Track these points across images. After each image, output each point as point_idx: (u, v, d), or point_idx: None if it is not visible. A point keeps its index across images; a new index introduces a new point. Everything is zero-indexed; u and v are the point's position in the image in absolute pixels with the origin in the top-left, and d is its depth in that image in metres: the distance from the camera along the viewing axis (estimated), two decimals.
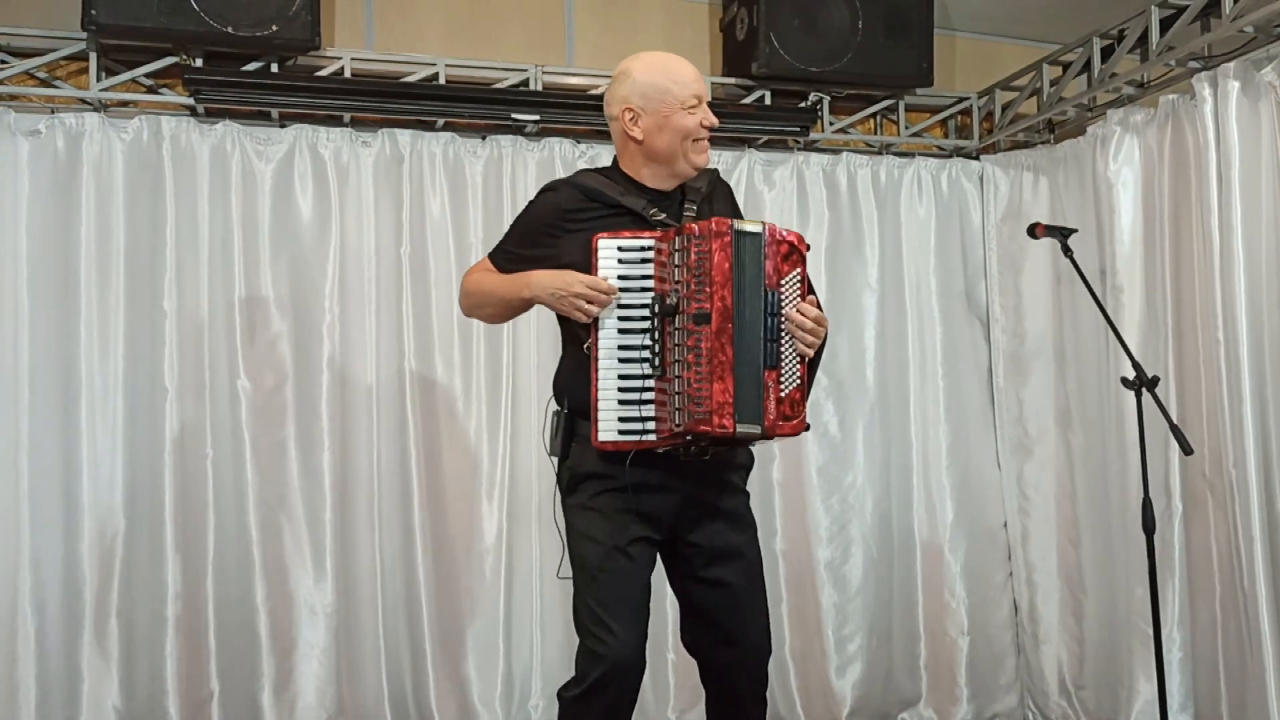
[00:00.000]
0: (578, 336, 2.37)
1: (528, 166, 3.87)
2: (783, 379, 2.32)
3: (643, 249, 2.31)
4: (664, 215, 2.39)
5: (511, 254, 2.46)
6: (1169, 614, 3.54)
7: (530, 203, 2.52)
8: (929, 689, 4.13)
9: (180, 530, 3.50)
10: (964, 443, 4.23)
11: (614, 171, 2.49)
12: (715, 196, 2.53)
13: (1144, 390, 3.06)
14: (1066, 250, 3.31)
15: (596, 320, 2.29)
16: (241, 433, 3.59)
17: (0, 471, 3.38)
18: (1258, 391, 3.27)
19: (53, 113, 3.52)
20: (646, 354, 2.28)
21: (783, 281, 2.34)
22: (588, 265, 2.32)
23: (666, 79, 2.40)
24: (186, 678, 3.48)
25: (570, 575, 2.37)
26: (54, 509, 3.43)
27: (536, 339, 3.82)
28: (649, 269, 2.30)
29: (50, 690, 3.38)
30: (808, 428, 2.38)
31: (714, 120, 2.43)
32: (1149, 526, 3.03)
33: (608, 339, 2.30)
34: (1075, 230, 3.41)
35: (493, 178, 3.85)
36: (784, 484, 4.03)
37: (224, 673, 3.52)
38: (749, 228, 2.31)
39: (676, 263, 2.28)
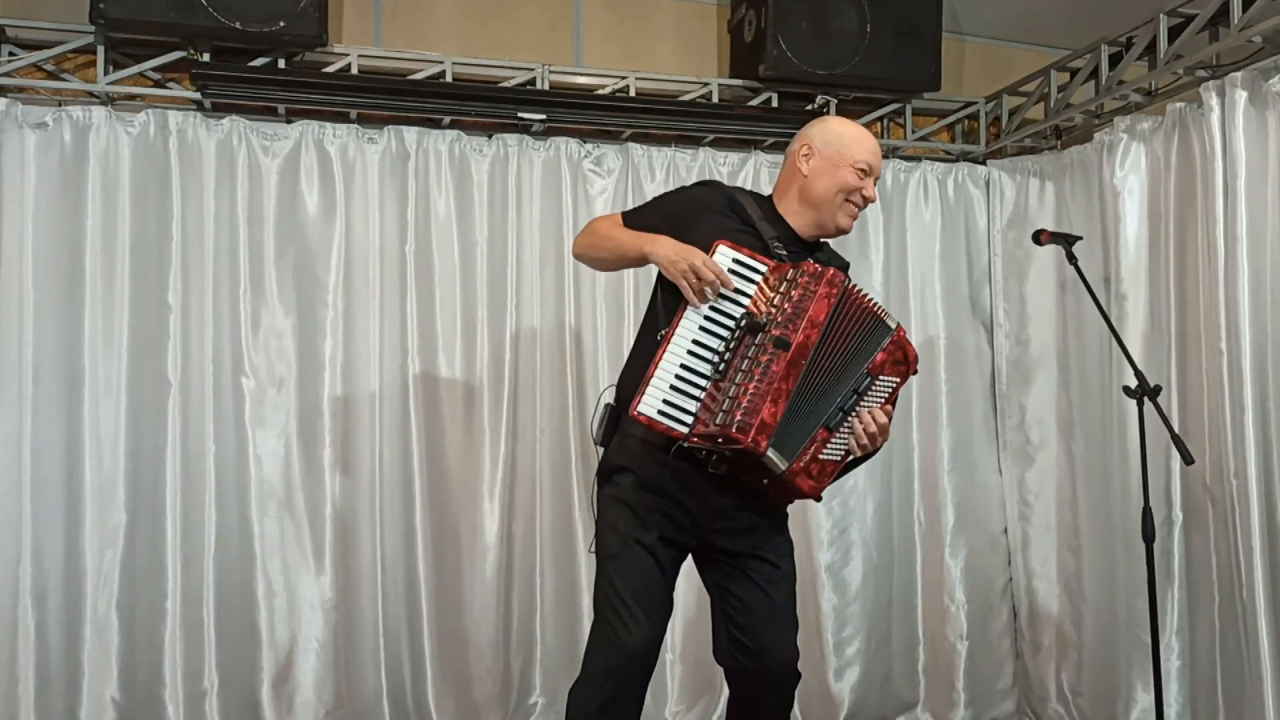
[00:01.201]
0: (655, 328, 2.42)
1: (534, 165, 3.87)
2: (829, 446, 2.40)
3: (754, 269, 2.38)
4: (786, 252, 2.45)
5: (645, 218, 2.53)
6: (1168, 623, 3.54)
7: (684, 188, 2.62)
8: (927, 693, 4.13)
9: (181, 524, 3.51)
10: (966, 448, 4.23)
11: (765, 200, 2.59)
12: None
13: (1146, 399, 3.05)
14: (1071, 257, 3.30)
15: (685, 308, 2.34)
16: (244, 428, 3.60)
17: (3, 463, 3.39)
18: (1259, 402, 3.26)
19: (60, 106, 3.53)
20: (715, 358, 2.32)
21: (881, 377, 2.44)
22: None
23: (850, 137, 2.54)
24: (186, 671, 3.49)
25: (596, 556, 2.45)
26: (56, 501, 3.44)
27: (539, 335, 3.83)
28: (752, 289, 2.36)
29: (50, 682, 3.39)
30: (819, 499, 2.47)
31: (874, 195, 2.53)
32: (1149, 535, 3.03)
33: (686, 331, 2.34)
34: (1080, 237, 3.40)
35: (498, 176, 3.85)
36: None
37: (223, 666, 3.53)
38: (883, 316, 2.43)
39: (780, 289, 2.35)
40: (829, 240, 2.61)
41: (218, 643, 3.53)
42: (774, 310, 2.33)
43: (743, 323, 2.34)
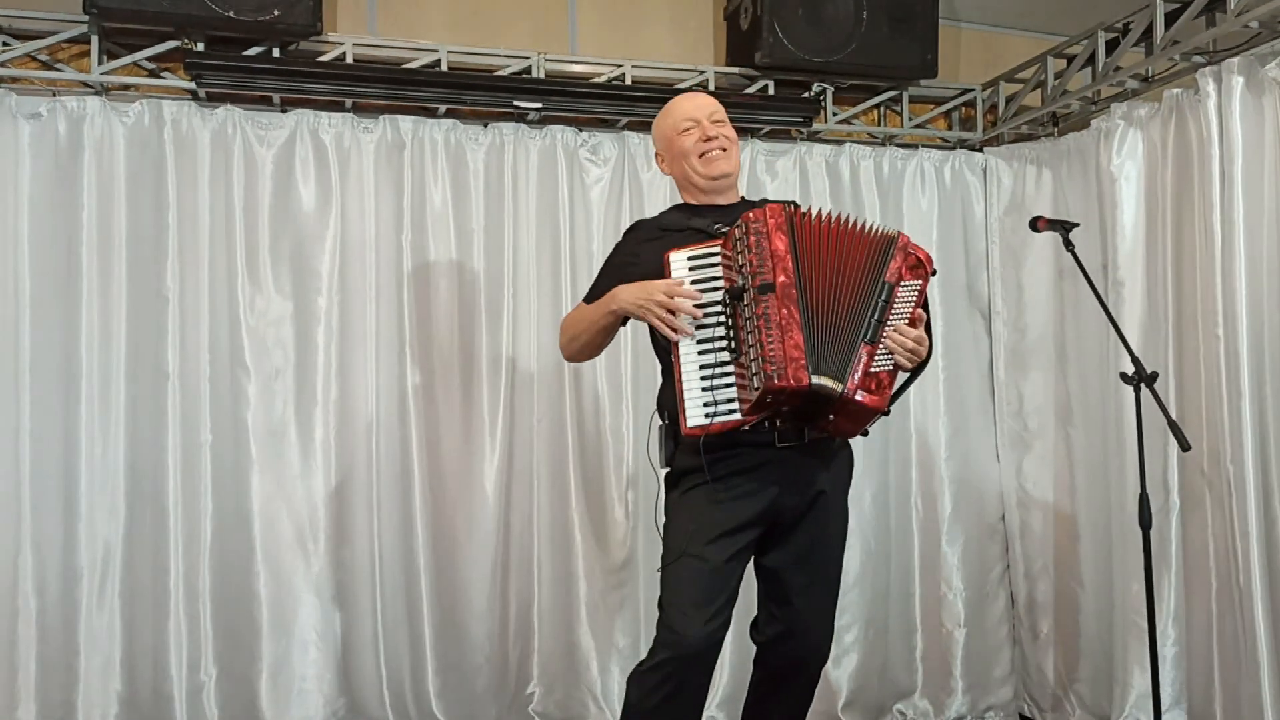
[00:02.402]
0: (666, 350, 2.51)
1: (529, 154, 3.86)
2: (877, 358, 2.42)
3: (709, 254, 2.47)
4: (728, 227, 2.51)
5: (601, 287, 2.65)
6: (1164, 609, 3.55)
7: (617, 244, 2.78)
8: (924, 681, 4.14)
9: (180, 515, 3.51)
10: (963, 436, 4.23)
11: (681, 205, 2.76)
12: None
13: (1143, 386, 3.06)
14: (1068, 244, 3.30)
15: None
16: (242, 418, 3.59)
17: (1, 455, 3.38)
18: (1256, 388, 3.26)
19: (54, 96, 3.51)
20: (724, 343, 2.39)
21: (902, 283, 2.48)
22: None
23: (665, 118, 2.74)
24: (185, 662, 3.49)
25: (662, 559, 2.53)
26: (55, 493, 3.43)
27: (536, 325, 3.83)
28: (717, 271, 2.45)
29: (50, 672, 3.39)
30: (888, 412, 2.46)
31: (710, 131, 2.64)
32: (1146, 522, 3.03)
33: (688, 338, 2.43)
34: (1077, 224, 3.40)
35: (494, 165, 3.85)
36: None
37: (222, 658, 3.54)
38: (864, 228, 2.49)
39: (741, 251, 2.42)
40: (741, 195, 2.77)
41: (216, 634, 3.53)
42: (744, 269, 2.40)
43: (726, 299, 2.41)
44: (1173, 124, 3.58)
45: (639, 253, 2.62)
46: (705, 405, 2.38)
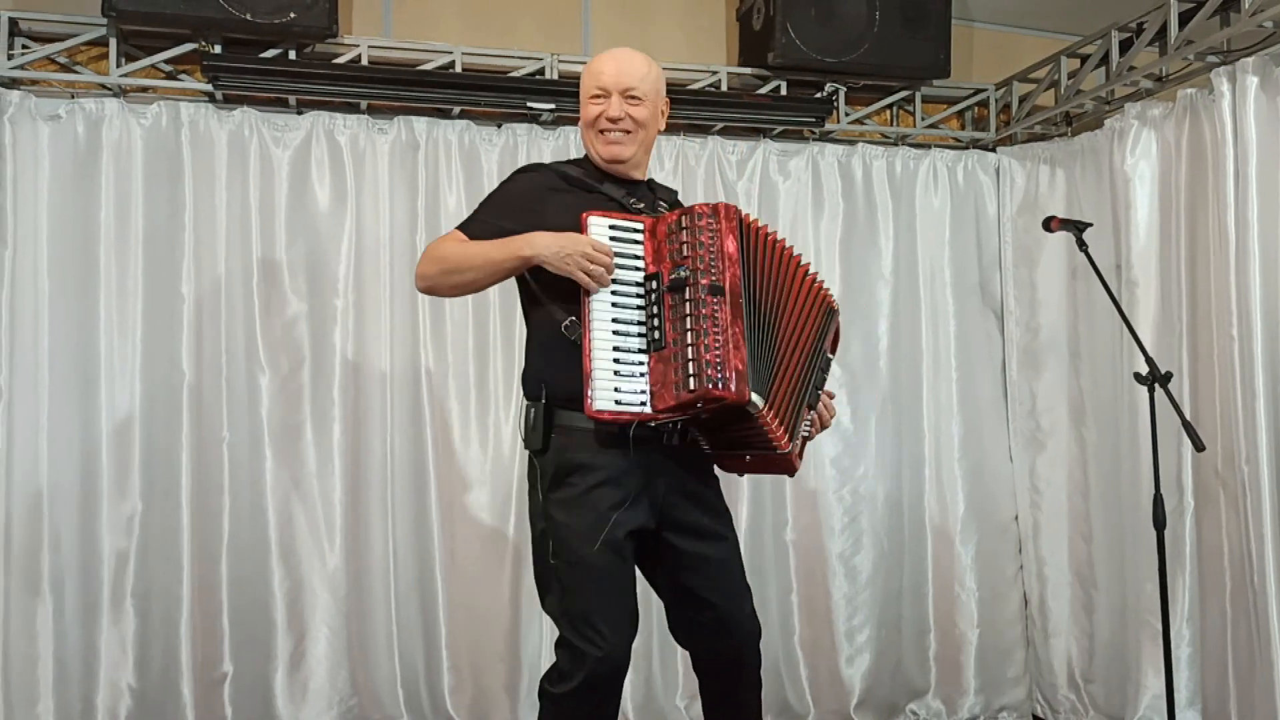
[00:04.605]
0: (552, 320, 2.34)
1: (543, 155, 3.87)
2: (806, 423, 2.42)
3: (634, 230, 2.32)
4: (643, 205, 2.42)
5: (491, 224, 2.39)
6: (1179, 610, 3.54)
7: (509, 180, 2.50)
8: (938, 681, 4.14)
9: (195, 512, 3.53)
10: (976, 435, 4.23)
11: (584, 162, 2.53)
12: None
13: (1157, 386, 3.05)
14: (1082, 244, 3.30)
15: (587, 295, 2.26)
16: (258, 416, 3.62)
17: (20, 452, 3.42)
18: (1271, 388, 3.26)
19: (73, 98, 3.55)
20: (641, 329, 2.26)
21: (831, 357, 2.52)
22: None
23: (586, 70, 2.49)
24: (201, 658, 3.52)
25: (544, 566, 2.37)
26: (73, 490, 3.46)
27: None
28: (639, 249, 2.31)
29: (68, 668, 3.43)
30: (794, 472, 2.46)
31: (615, 111, 2.42)
32: (1160, 522, 3.03)
33: (600, 313, 2.26)
34: (1091, 224, 3.40)
35: (508, 166, 3.84)
36: (796, 474, 4.03)
37: (237, 654, 3.56)
38: (817, 285, 2.48)
39: (686, 241, 2.27)
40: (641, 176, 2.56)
41: (231, 630, 3.56)
42: (685, 260, 2.25)
43: (655, 284, 2.27)
44: (1187, 124, 3.58)
45: (545, 201, 2.39)
46: (615, 390, 2.22)
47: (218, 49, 3.60)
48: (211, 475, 3.56)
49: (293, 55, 3.68)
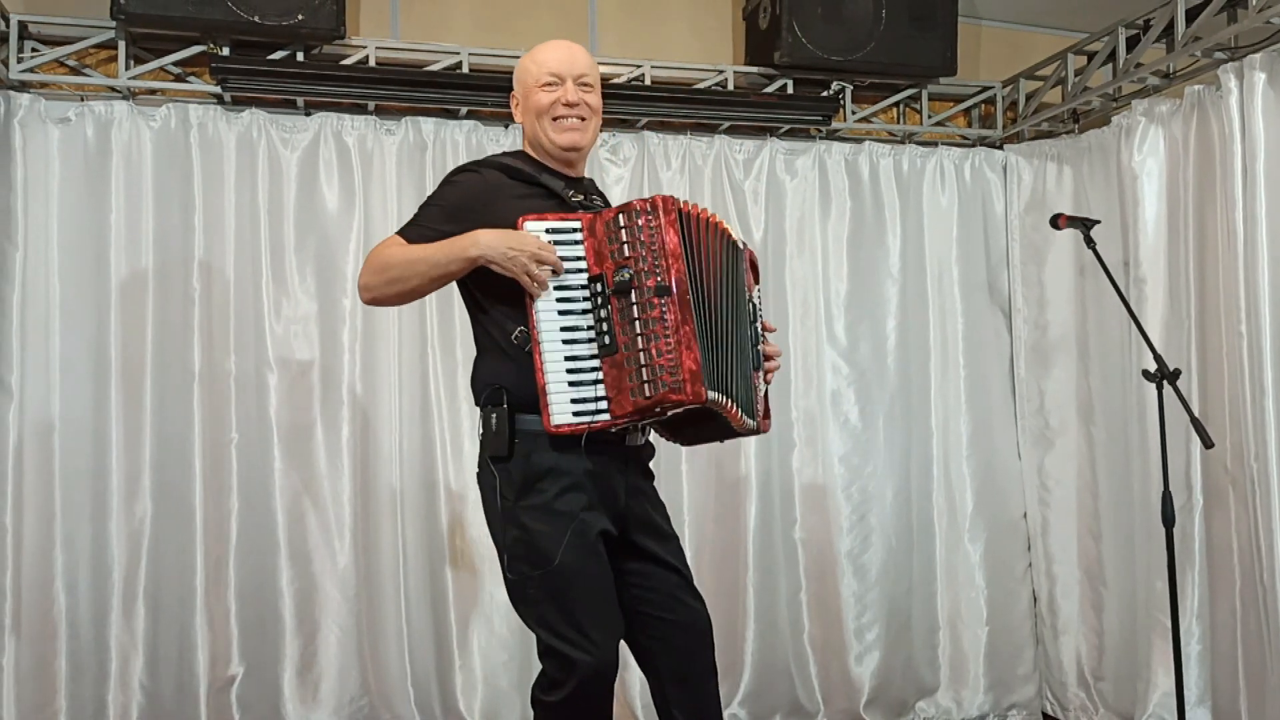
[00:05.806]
0: (502, 329, 2.30)
1: None
2: (760, 383, 2.45)
3: (573, 230, 2.25)
4: (581, 198, 2.39)
5: (435, 229, 2.31)
6: (1188, 607, 3.54)
7: (449, 180, 2.41)
8: (947, 678, 4.14)
9: (206, 513, 3.56)
10: (985, 433, 4.22)
11: (519, 154, 2.48)
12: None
13: (1165, 383, 3.05)
14: (1089, 241, 3.30)
15: (534, 304, 2.21)
16: (267, 417, 3.64)
17: (32, 453, 3.44)
18: None
19: (82, 100, 3.57)
20: (591, 334, 2.21)
21: (753, 296, 2.47)
22: None
23: (530, 60, 2.44)
24: (211, 658, 3.54)
25: (521, 576, 2.28)
26: (84, 490, 3.49)
27: None
28: (580, 250, 2.24)
29: (81, 667, 3.45)
30: (765, 431, 2.50)
31: (571, 96, 2.37)
32: (1169, 519, 3.03)
33: (548, 320, 2.21)
34: (1099, 221, 3.40)
35: None
36: (804, 473, 4.04)
37: (247, 654, 3.58)
38: (727, 229, 2.41)
39: (620, 238, 2.21)
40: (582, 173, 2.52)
41: (241, 630, 3.57)
42: (627, 260, 2.19)
43: (599, 286, 2.21)
44: (1194, 120, 3.57)
45: (493, 197, 2.33)
46: (573, 401, 2.18)
47: (226, 51, 3.62)
48: (222, 475, 3.58)
49: (300, 57, 3.69)
